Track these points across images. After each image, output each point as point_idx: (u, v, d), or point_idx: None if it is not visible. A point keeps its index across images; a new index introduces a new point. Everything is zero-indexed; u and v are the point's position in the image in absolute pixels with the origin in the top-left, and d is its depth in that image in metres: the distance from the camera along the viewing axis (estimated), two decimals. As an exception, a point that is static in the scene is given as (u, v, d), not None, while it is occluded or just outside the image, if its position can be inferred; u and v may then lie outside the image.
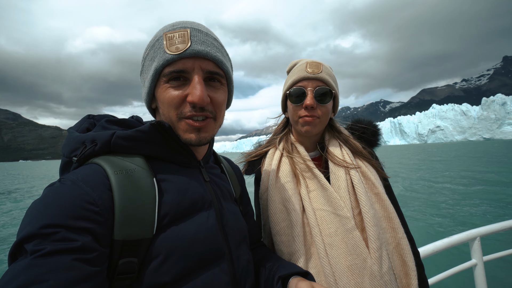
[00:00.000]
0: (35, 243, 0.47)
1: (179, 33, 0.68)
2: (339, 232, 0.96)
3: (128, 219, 0.57)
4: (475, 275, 1.86)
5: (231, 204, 0.85)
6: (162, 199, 0.65)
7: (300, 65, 1.14)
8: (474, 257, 1.86)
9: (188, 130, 0.71)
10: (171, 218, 0.64)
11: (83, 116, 0.75)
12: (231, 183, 0.96)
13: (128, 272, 0.57)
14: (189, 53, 0.67)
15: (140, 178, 0.63)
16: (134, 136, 0.67)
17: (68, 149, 0.66)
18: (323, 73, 1.08)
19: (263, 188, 1.14)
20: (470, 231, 1.88)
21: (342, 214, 0.98)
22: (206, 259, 0.67)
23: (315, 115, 1.08)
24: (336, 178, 1.06)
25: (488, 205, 10.21)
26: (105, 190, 0.58)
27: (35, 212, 0.51)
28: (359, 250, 0.93)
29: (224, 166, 1.00)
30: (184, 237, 0.64)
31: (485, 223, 2.09)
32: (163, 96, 0.70)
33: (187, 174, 0.75)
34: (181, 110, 0.70)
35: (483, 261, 1.85)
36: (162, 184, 0.67)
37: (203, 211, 0.72)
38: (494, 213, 9.09)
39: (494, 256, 1.94)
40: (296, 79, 1.10)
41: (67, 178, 0.58)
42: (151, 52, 0.72)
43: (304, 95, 1.08)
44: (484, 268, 1.85)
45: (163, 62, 0.67)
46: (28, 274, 0.44)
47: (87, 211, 0.53)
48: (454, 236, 1.81)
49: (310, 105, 1.06)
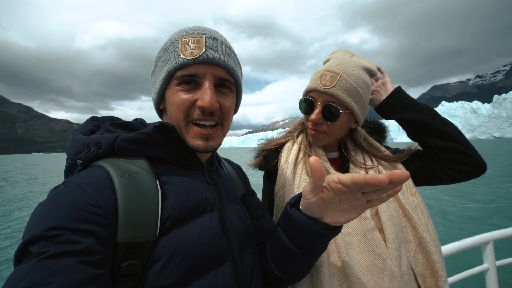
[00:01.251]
0: (40, 245, 0.48)
1: (194, 39, 0.69)
2: (358, 232, 0.96)
3: (132, 221, 0.58)
4: (487, 280, 1.81)
5: (234, 205, 0.85)
6: (165, 201, 0.65)
7: (318, 72, 1.06)
8: (486, 262, 1.81)
9: (196, 137, 0.73)
10: (174, 220, 0.65)
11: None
12: (234, 184, 0.96)
13: (131, 275, 0.57)
14: (202, 59, 0.68)
15: (144, 181, 0.64)
16: (137, 139, 0.68)
17: (72, 152, 0.66)
18: (336, 88, 0.98)
19: (280, 185, 1.11)
20: (483, 234, 1.82)
21: (362, 215, 0.95)
22: (209, 262, 0.67)
23: (319, 131, 1.05)
24: None
25: (503, 207, 9.94)
26: (108, 192, 0.58)
27: (40, 214, 0.52)
28: (379, 251, 0.92)
29: (225, 167, 1.00)
30: (187, 239, 0.64)
31: (497, 227, 2.03)
32: (173, 98, 0.71)
33: (190, 176, 0.75)
34: (189, 113, 0.71)
35: (495, 266, 1.80)
36: (165, 187, 0.68)
37: (206, 213, 0.72)
38: (509, 216, 8.86)
39: (508, 261, 1.88)
40: (309, 88, 1.06)
41: (72, 181, 0.59)
42: (165, 54, 0.72)
43: (313, 108, 1.04)
44: (496, 273, 1.80)
45: (176, 65, 0.68)
46: (33, 276, 0.45)
47: (91, 213, 0.53)
48: (466, 240, 1.76)
49: (314, 121, 1.02)
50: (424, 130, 1.05)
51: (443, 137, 1.02)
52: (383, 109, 1.14)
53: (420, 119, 1.04)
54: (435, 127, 1.02)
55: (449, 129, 1.02)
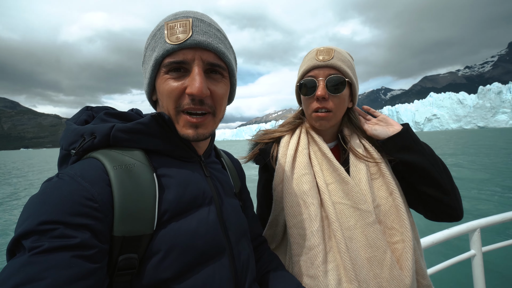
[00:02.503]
0: (33, 240, 0.47)
1: (180, 23, 0.66)
2: (358, 226, 0.96)
3: (128, 215, 0.57)
4: (473, 266, 1.88)
5: (231, 199, 0.84)
6: (162, 194, 0.64)
7: (310, 53, 1.06)
8: (473, 248, 1.88)
9: (185, 126, 0.70)
10: (172, 214, 0.64)
11: (82, 104, 0.76)
12: (232, 178, 0.95)
13: (128, 268, 0.56)
14: (189, 44, 0.65)
15: (140, 173, 0.62)
16: (134, 129, 0.66)
17: (66, 142, 0.64)
18: (335, 59, 1.00)
19: (278, 179, 1.09)
20: (470, 222, 1.88)
21: (364, 208, 0.96)
22: (206, 255, 0.66)
23: (327, 107, 1.02)
24: (357, 171, 1.03)
25: (491, 194, 10.28)
26: (104, 185, 0.57)
27: (33, 208, 0.51)
28: (380, 243, 0.94)
29: (224, 160, 0.98)
30: (184, 233, 0.64)
31: (484, 214, 2.10)
32: (162, 87, 0.68)
33: (188, 169, 0.74)
34: (179, 102, 0.68)
35: (482, 252, 1.87)
36: (162, 179, 0.66)
37: (203, 206, 0.71)
38: (495, 203, 9.17)
39: (493, 247, 1.96)
40: (307, 68, 1.04)
41: (65, 173, 0.57)
42: (152, 42, 0.70)
43: (316, 86, 1.02)
44: (482, 259, 1.87)
45: (163, 52, 0.66)
46: (26, 271, 0.44)
47: (86, 207, 0.52)
48: (454, 228, 1.81)
49: (322, 95, 1.00)
50: (421, 175, 1.00)
51: (437, 188, 0.98)
52: (387, 146, 1.06)
53: (421, 164, 0.98)
54: (432, 175, 0.98)
55: (444, 180, 0.98)
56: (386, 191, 1.03)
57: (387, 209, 1.01)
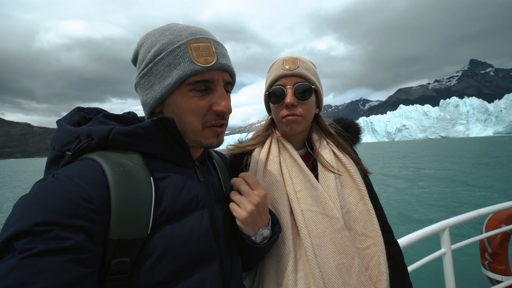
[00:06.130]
0: (25, 241, 0.45)
1: (203, 45, 0.70)
2: (327, 233, 0.96)
3: (125, 218, 0.56)
4: (444, 263, 2.01)
5: (222, 202, 0.86)
6: (158, 198, 0.64)
7: (276, 63, 1.09)
8: (444, 246, 2.01)
9: (211, 137, 0.76)
10: (166, 217, 0.64)
11: (57, 112, 0.79)
12: (223, 180, 0.95)
13: (121, 273, 0.56)
14: (215, 66, 0.70)
15: (137, 176, 0.62)
16: (134, 132, 0.66)
17: (60, 143, 0.63)
18: (300, 68, 1.03)
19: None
20: (441, 222, 2.02)
21: (332, 215, 0.97)
22: (198, 259, 0.67)
23: (296, 114, 1.04)
24: (325, 178, 1.04)
25: (459, 196, 10.93)
26: (102, 187, 0.56)
27: (26, 208, 0.49)
28: (348, 250, 0.94)
29: (216, 162, 0.99)
30: (178, 237, 0.64)
31: (451, 214, 2.26)
32: (187, 104, 0.71)
33: (183, 174, 0.75)
34: (206, 119, 0.73)
35: (451, 250, 2.00)
36: (158, 183, 0.67)
37: (197, 211, 0.72)
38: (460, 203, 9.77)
39: (461, 244, 2.11)
40: (274, 78, 1.06)
41: (62, 173, 0.55)
42: (169, 57, 0.69)
43: (284, 94, 1.03)
44: (452, 256, 2.00)
45: (191, 72, 0.68)
46: (17, 275, 0.42)
47: (83, 209, 0.51)
48: (426, 228, 1.94)
49: (291, 103, 1.01)
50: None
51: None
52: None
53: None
54: None
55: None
56: (357, 196, 1.04)
57: (357, 214, 1.01)
